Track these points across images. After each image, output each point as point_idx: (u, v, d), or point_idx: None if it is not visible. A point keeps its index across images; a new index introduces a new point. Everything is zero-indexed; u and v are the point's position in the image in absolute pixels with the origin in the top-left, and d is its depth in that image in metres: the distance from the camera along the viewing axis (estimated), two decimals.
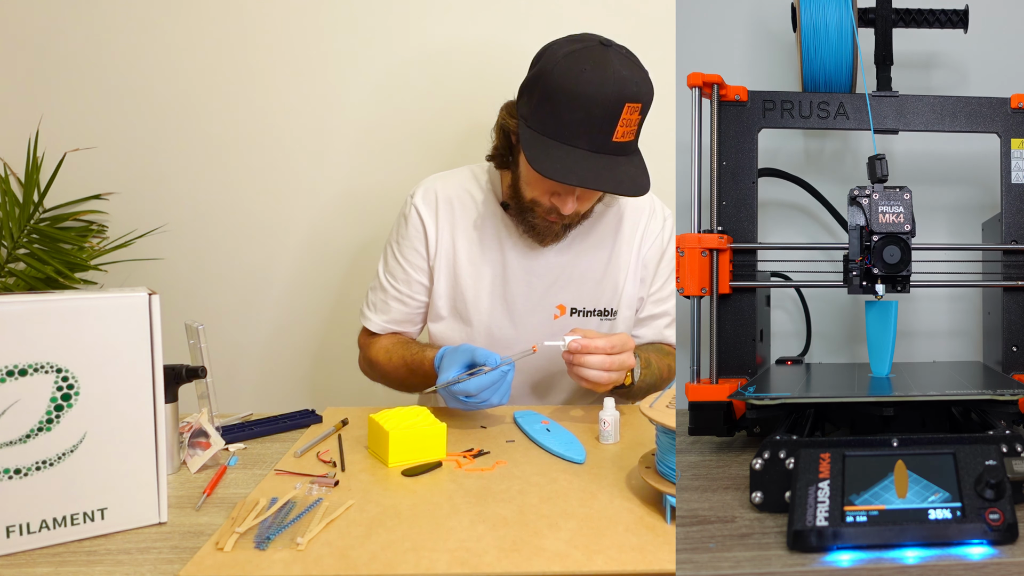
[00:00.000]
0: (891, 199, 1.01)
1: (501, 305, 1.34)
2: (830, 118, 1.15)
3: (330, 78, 1.78)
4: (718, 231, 1.11)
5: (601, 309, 1.36)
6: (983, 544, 0.69)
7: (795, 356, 1.38)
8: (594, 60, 1.13)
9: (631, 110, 1.12)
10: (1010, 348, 1.13)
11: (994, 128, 1.13)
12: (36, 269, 1.67)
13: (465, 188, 1.36)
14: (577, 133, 1.13)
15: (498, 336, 1.35)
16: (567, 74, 1.12)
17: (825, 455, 0.78)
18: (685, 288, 1.08)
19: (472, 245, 1.34)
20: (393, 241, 1.38)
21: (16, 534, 0.77)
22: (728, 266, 1.11)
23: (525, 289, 1.34)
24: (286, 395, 1.89)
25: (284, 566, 0.74)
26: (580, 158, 1.13)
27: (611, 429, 1.09)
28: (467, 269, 1.34)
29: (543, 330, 1.33)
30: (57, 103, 1.77)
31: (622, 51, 1.17)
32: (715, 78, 1.12)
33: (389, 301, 1.37)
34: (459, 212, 1.34)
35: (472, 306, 1.34)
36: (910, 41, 1.33)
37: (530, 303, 1.34)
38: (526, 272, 1.34)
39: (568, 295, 1.35)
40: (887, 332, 1.05)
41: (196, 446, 1.02)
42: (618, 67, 1.13)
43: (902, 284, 1.02)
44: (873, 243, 1.01)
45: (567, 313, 1.35)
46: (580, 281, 1.35)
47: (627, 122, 1.13)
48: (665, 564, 0.75)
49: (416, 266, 1.35)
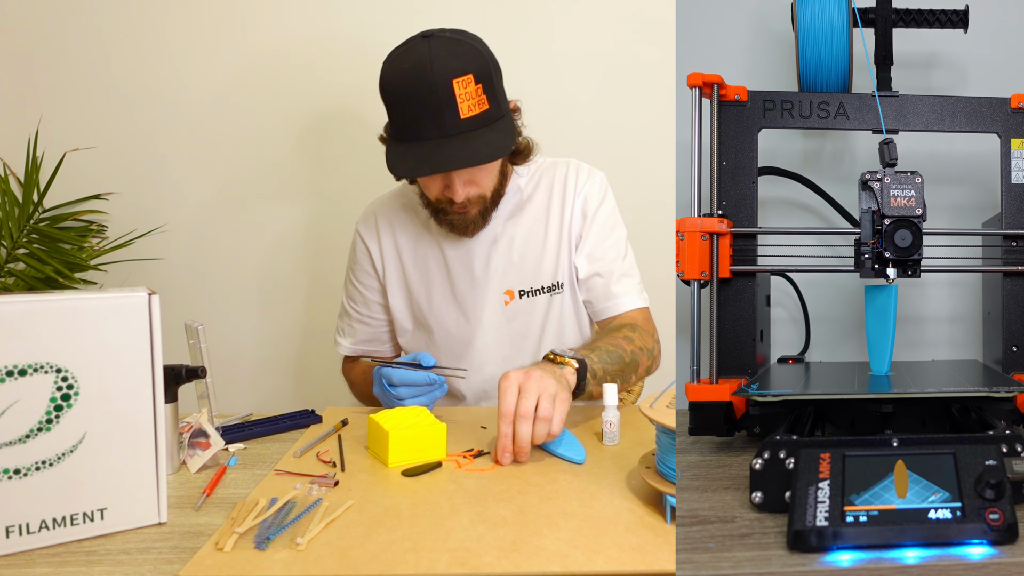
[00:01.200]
0: (902, 183, 1.01)
1: (452, 303, 1.37)
2: (830, 118, 1.15)
3: (329, 78, 1.79)
4: (718, 215, 1.11)
5: (547, 285, 1.36)
6: (983, 544, 0.69)
7: (795, 355, 1.38)
8: (412, 53, 1.15)
9: (462, 84, 1.13)
10: (1010, 348, 1.13)
11: (994, 128, 1.13)
12: (36, 269, 1.67)
13: (399, 203, 1.42)
14: (420, 125, 1.14)
15: (457, 335, 1.37)
16: (391, 74, 1.16)
17: (825, 455, 0.78)
18: (685, 272, 1.08)
19: (414, 254, 1.39)
20: (349, 268, 1.46)
21: (16, 534, 0.77)
22: (728, 251, 1.11)
23: (470, 283, 1.36)
24: (286, 395, 1.89)
25: (284, 566, 0.74)
26: (429, 148, 1.14)
27: (615, 430, 1.09)
28: (415, 277, 1.39)
29: (497, 318, 1.36)
30: (57, 103, 1.78)
31: (447, 34, 1.18)
32: (715, 78, 1.12)
33: (353, 324, 1.46)
34: (397, 226, 1.40)
35: (427, 311, 1.38)
36: (910, 41, 1.33)
37: (477, 295, 1.36)
38: (466, 266, 1.36)
39: (512, 279, 1.36)
40: (888, 317, 1.05)
41: (196, 446, 1.02)
42: (436, 51, 1.14)
43: (913, 268, 1.02)
44: (884, 227, 1.01)
45: (516, 297, 1.36)
46: (520, 263, 1.36)
47: (466, 96, 1.13)
48: (665, 564, 0.75)
49: (370, 287, 1.43)
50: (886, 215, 1.01)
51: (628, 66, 1.78)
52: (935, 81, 1.40)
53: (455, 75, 1.12)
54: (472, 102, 1.14)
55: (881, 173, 1.02)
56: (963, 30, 1.22)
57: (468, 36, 1.20)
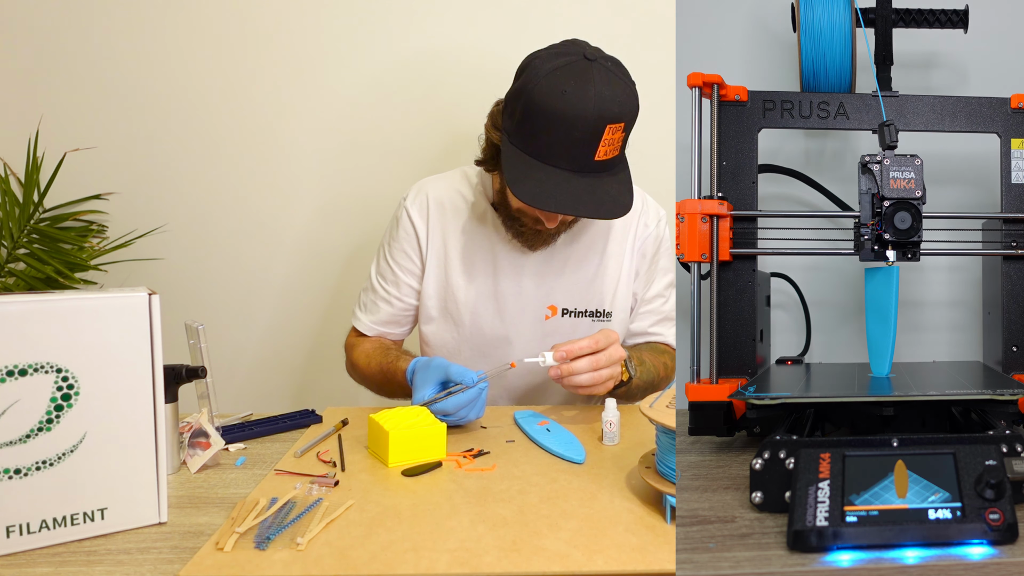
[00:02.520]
0: (902, 165, 1.01)
1: (492, 305, 1.34)
2: (830, 118, 1.15)
3: (329, 79, 1.79)
4: (718, 197, 1.11)
5: (593, 310, 1.35)
6: (983, 544, 0.69)
7: (795, 356, 1.38)
8: (576, 79, 1.11)
9: (613, 130, 1.11)
10: (1010, 348, 1.13)
11: (994, 128, 1.13)
12: (36, 269, 1.67)
13: (456, 190, 1.37)
14: (557, 154, 1.12)
15: (489, 336, 1.35)
16: (548, 94, 1.11)
17: (825, 455, 0.78)
18: (685, 254, 1.08)
19: (463, 246, 1.34)
20: (385, 243, 1.40)
21: (16, 534, 0.77)
22: (728, 233, 1.10)
23: (515, 289, 1.34)
24: (286, 395, 1.89)
25: (284, 566, 0.74)
26: (560, 180, 1.13)
27: (615, 430, 1.09)
28: (458, 270, 1.34)
29: (534, 330, 1.34)
30: (57, 103, 1.78)
31: (607, 64, 1.15)
32: (715, 78, 1.12)
33: (378, 302, 1.39)
34: (450, 214, 1.35)
35: (463, 306, 1.35)
36: (910, 41, 1.33)
37: (520, 303, 1.34)
38: (516, 273, 1.34)
39: (559, 296, 1.34)
40: (888, 316, 1.05)
41: (196, 446, 1.02)
42: (600, 86, 1.11)
43: (912, 251, 1.02)
44: (884, 209, 1.00)
45: (558, 314, 1.34)
46: (571, 282, 1.35)
47: (609, 141, 1.12)
48: (665, 564, 0.75)
49: (406, 269, 1.37)
50: (886, 197, 1.01)
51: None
52: (935, 81, 1.40)
53: (612, 121, 1.11)
54: (610, 148, 1.13)
55: (881, 156, 1.01)
56: (963, 30, 1.22)
57: (626, 75, 1.17)
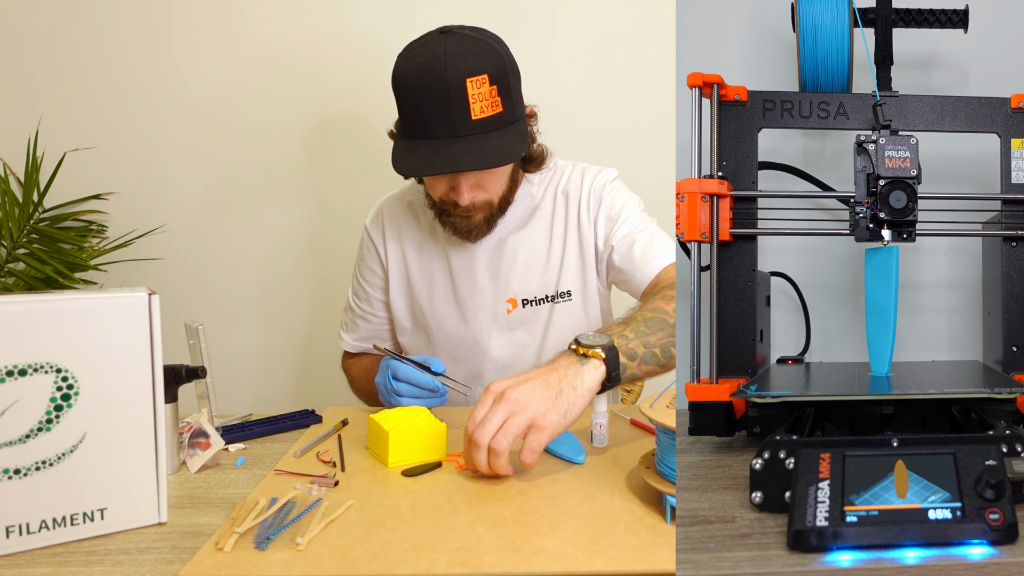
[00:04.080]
0: (897, 144, 1.01)
1: (453, 307, 1.36)
2: (830, 118, 1.15)
3: (331, 77, 1.79)
4: (718, 176, 1.10)
5: (552, 295, 1.34)
6: (983, 544, 0.69)
7: (795, 356, 1.38)
8: (428, 48, 1.12)
9: (476, 84, 1.09)
10: (1010, 348, 1.13)
11: (994, 128, 1.13)
12: (36, 269, 1.67)
13: (406, 200, 1.40)
14: (430, 123, 1.11)
15: (457, 339, 1.36)
16: (401, 68, 1.13)
17: (825, 455, 0.78)
18: (685, 232, 1.07)
19: (418, 253, 1.38)
20: (356, 264, 1.46)
21: (16, 534, 0.77)
22: (728, 213, 1.10)
23: (472, 288, 1.34)
24: (286, 395, 1.89)
25: (284, 566, 0.74)
26: (439, 147, 1.11)
27: (605, 432, 1.09)
28: (418, 277, 1.38)
29: (499, 326, 1.34)
30: (57, 103, 1.78)
31: (465, 31, 1.14)
32: (715, 78, 1.12)
33: (356, 320, 1.46)
34: (403, 224, 1.39)
35: (428, 312, 1.37)
36: (910, 41, 1.33)
37: (479, 300, 1.34)
38: (468, 271, 1.34)
39: (516, 287, 1.34)
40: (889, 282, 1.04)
41: (196, 446, 1.02)
42: (453, 47, 1.10)
43: (908, 231, 1.02)
44: (879, 188, 1.00)
45: (519, 305, 1.34)
46: (524, 270, 1.34)
47: (479, 96, 1.10)
48: (665, 564, 0.75)
49: (374, 284, 1.42)
50: (881, 176, 1.01)
51: (628, 66, 1.78)
52: (935, 81, 1.40)
53: (469, 74, 1.09)
54: (485, 103, 1.10)
55: (876, 135, 1.01)
56: (963, 30, 1.22)
57: (487, 35, 1.17)
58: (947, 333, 1.41)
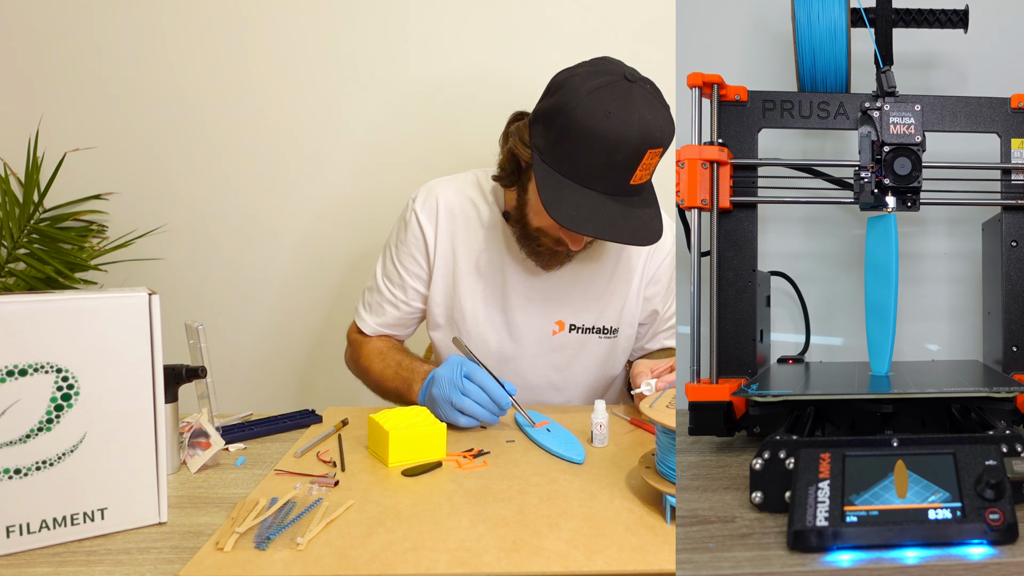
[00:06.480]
0: (901, 110, 1.01)
1: (499, 317, 1.33)
2: (830, 118, 1.15)
3: (332, 81, 1.79)
4: (718, 143, 1.10)
5: (601, 327, 1.34)
6: (983, 544, 0.69)
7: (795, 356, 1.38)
8: (619, 100, 1.08)
9: (652, 155, 1.11)
10: (1010, 348, 1.13)
11: (994, 128, 1.13)
12: (36, 269, 1.67)
13: (468, 196, 1.33)
14: (595, 176, 1.10)
15: (494, 349, 1.33)
16: (591, 115, 1.07)
17: (825, 455, 0.78)
18: (685, 199, 1.06)
19: (471, 255, 1.31)
20: (392, 244, 1.36)
21: (16, 534, 0.77)
22: (729, 181, 1.10)
23: (524, 303, 1.32)
24: (286, 395, 1.89)
25: (284, 566, 0.74)
26: (596, 203, 1.10)
27: (605, 432, 1.09)
28: (465, 279, 1.32)
29: (540, 345, 1.33)
30: (57, 103, 1.78)
31: (647, 87, 1.14)
32: (715, 78, 1.12)
33: (384, 304, 1.36)
34: (460, 221, 1.32)
35: (469, 316, 1.32)
36: (910, 41, 1.33)
37: (528, 317, 1.33)
38: (525, 286, 1.32)
39: (567, 311, 1.33)
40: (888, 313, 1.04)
41: (196, 446, 1.02)
42: (643, 109, 1.09)
43: (912, 199, 1.01)
44: (884, 155, 1.00)
45: (566, 329, 1.34)
46: (581, 298, 1.33)
47: (646, 166, 1.12)
48: (665, 564, 0.75)
49: (413, 273, 1.34)
50: (885, 143, 1.00)
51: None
52: (935, 81, 1.40)
53: (654, 146, 1.09)
54: (646, 172, 1.13)
55: (880, 102, 1.01)
56: (963, 30, 1.22)
57: (663, 98, 1.16)
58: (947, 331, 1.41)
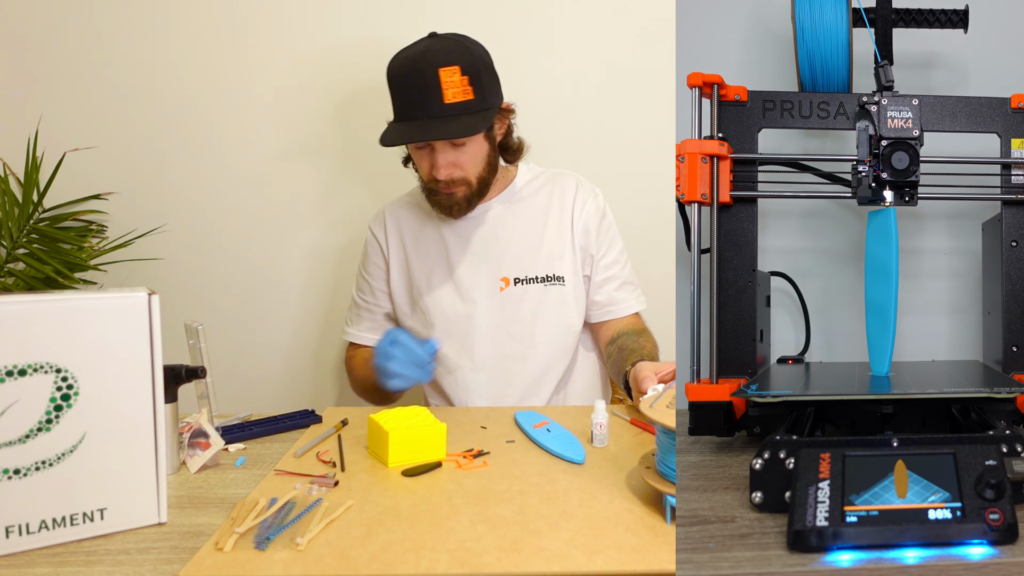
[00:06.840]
0: (899, 104, 1.01)
1: (450, 284, 1.44)
2: (830, 118, 1.15)
3: (332, 79, 1.78)
4: (719, 137, 1.11)
5: (543, 275, 1.43)
6: (983, 544, 0.69)
7: (795, 356, 1.38)
8: (414, 46, 1.32)
9: (448, 73, 1.27)
10: (1010, 348, 1.13)
11: (994, 128, 1.13)
12: (36, 269, 1.67)
13: (406, 201, 1.52)
14: (409, 106, 1.29)
15: (452, 316, 1.43)
16: (392, 62, 1.33)
17: (825, 455, 0.78)
18: (686, 193, 1.07)
19: (416, 239, 1.48)
20: (360, 265, 1.55)
21: (16, 534, 0.77)
22: (729, 175, 1.11)
23: (467, 266, 1.44)
24: (286, 395, 1.89)
25: (284, 566, 0.74)
26: (416, 125, 1.29)
27: (605, 432, 1.09)
28: (416, 261, 1.47)
29: (491, 302, 1.43)
30: (57, 103, 1.77)
31: (450, 35, 1.33)
32: (715, 78, 1.12)
33: (361, 312, 1.53)
34: (403, 218, 1.50)
35: (425, 293, 1.45)
36: (910, 41, 1.33)
37: (473, 278, 1.43)
38: (463, 250, 1.44)
39: (509, 266, 1.43)
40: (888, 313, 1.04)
41: (196, 446, 1.02)
42: (426, 42, 1.31)
43: (910, 193, 1.02)
44: (881, 149, 1.01)
45: (511, 283, 1.43)
46: (517, 251, 1.43)
47: (451, 84, 1.27)
48: (665, 564, 0.75)
49: (376, 276, 1.51)
50: (883, 137, 1.01)
51: (628, 66, 1.78)
52: (935, 81, 1.40)
53: (442, 64, 1.27)
54: (456, 90, 1.27)
55: (878, 96, 1.02)
56: (963, 30, 1.22)
57: (467, 39, 1.34)
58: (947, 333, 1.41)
